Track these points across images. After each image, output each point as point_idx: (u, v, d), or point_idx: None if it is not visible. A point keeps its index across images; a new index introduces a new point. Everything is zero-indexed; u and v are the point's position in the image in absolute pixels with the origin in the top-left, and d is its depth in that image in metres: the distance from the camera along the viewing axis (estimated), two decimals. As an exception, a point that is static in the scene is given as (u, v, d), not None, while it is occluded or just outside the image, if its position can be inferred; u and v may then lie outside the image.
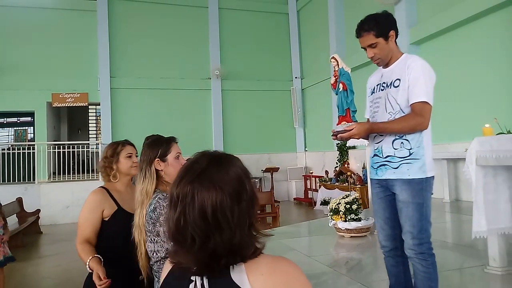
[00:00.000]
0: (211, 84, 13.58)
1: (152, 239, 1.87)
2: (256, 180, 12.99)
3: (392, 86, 2.31)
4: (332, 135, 2.36)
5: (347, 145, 10.55)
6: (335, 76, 2.48)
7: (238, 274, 0.97)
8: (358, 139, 2.34)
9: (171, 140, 2.13)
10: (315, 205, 11.65)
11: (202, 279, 0.98)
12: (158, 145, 2.08)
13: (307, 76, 14.16)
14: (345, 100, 2.40)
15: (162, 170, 2.06)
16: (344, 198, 5.41)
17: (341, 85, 2.42)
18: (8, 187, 10.89)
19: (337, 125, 2.40)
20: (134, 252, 1.96)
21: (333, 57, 2.45)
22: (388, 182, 2.33)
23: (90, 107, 14.47)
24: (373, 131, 2.32)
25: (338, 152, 11.40)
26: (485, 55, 7.37)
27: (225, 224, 0.96)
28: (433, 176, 2.27)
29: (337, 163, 11.53)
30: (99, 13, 12.67)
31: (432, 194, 2.27)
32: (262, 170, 13.47)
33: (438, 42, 8.53)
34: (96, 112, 15.71)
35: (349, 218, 5.15)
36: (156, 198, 1.90)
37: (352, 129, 2.26)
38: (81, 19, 12.71)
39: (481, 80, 7.48)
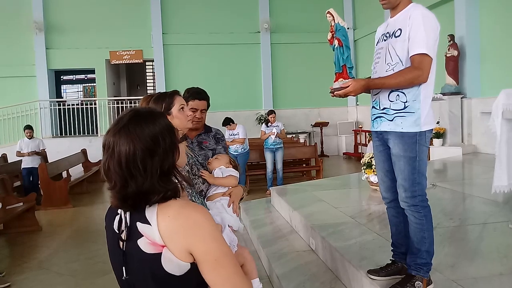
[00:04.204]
0: (260, 38, 13.51)
1: None
2: (305, 135, 13.03)
3: (393, 36, 2.27)
4: (330, 92, 2.39)
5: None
6: (331, 32, 2.45)
7: (151, 212, 1.15)
8: (354, 95, 2.36)
9: (174, 93, 2.24)
10: (363, 159, 11.56)
11: (125, 213, 1.19)
12: (162, 100, 2.22)
13: (359, 27, 13.59)
14: (341, 56, 2.37)
15: None
16: (379, 152, 5.37)
17: (336, 41, 2.40)
18: (76, 139, 11.95)
19: (334, 82, 2.41)
20: None
21: (328, 11, 2.41)
22: (384, 135, 2.35)
23: (147, 63, 15.06)
24: (369, 87, 2.32)
25: (389, 106, 11.07)
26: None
27: (137, 172, 1.14)
28: (430, 130, 2.26)
29: (387, 117, 11.23)
30: (150, -30, 12.90)
31: (428, 147, 2.27)
32: (311, 125, 13.47)
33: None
34: (152, 68, 16.32)
35: (382, 172, 5.13)
36: None
37: (348, 86, 2.27)
38: (133, -23, 13.04)
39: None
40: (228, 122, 8.03)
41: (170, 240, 1.12)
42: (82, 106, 12.51)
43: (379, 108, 2.34)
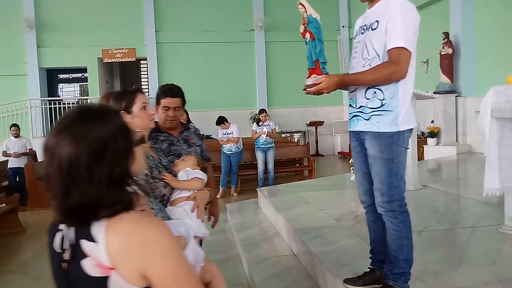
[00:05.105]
0: (254, 36, 13.34)
1: None
2: (300, 134, 12.87)
3: (370, 29, 2.13)
4: (303, 90, 2.25)
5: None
6: (304, 24, 2.30)
7: (98, 228, 0.98)
8: (328, 93, 2.20)
9: (136, 91, 2.08)
10: (358, 159, 11.41)
11: (68, 229, 1.02)
12: (122, 98, 2.06)
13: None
14: (314, 50, 2.23)
15: (129, 122, 2.07)
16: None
17: (308, 34, 2.25)
18: (67, 139, 11.75)
19: (307, 78, 2.26)
20: None
21: (300, 2, 2.25)
22: (360, 135, 2.21)
23: (141, 61, 14.87)
24: (344, 84, 2.17)
25: (384, 105, 10.92)
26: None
27: (81, 180, 0.97)
28: (410, 129, 2.11)
29: (382, 117, 11.08)
30: (142, -33, 12.71)
31: (408, 148, 2.12)
32: (306, 124, 13.30)
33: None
34: (147, 67, 16.13)
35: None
36: None
37: (321, 83, 2.12)
38: (126, -26, 12.85)
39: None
40: (222, 121, 7.87)
41: (120, 261, 0.95)
42: (73, 105, 12.33)
43: (356, 106, 2.20)
